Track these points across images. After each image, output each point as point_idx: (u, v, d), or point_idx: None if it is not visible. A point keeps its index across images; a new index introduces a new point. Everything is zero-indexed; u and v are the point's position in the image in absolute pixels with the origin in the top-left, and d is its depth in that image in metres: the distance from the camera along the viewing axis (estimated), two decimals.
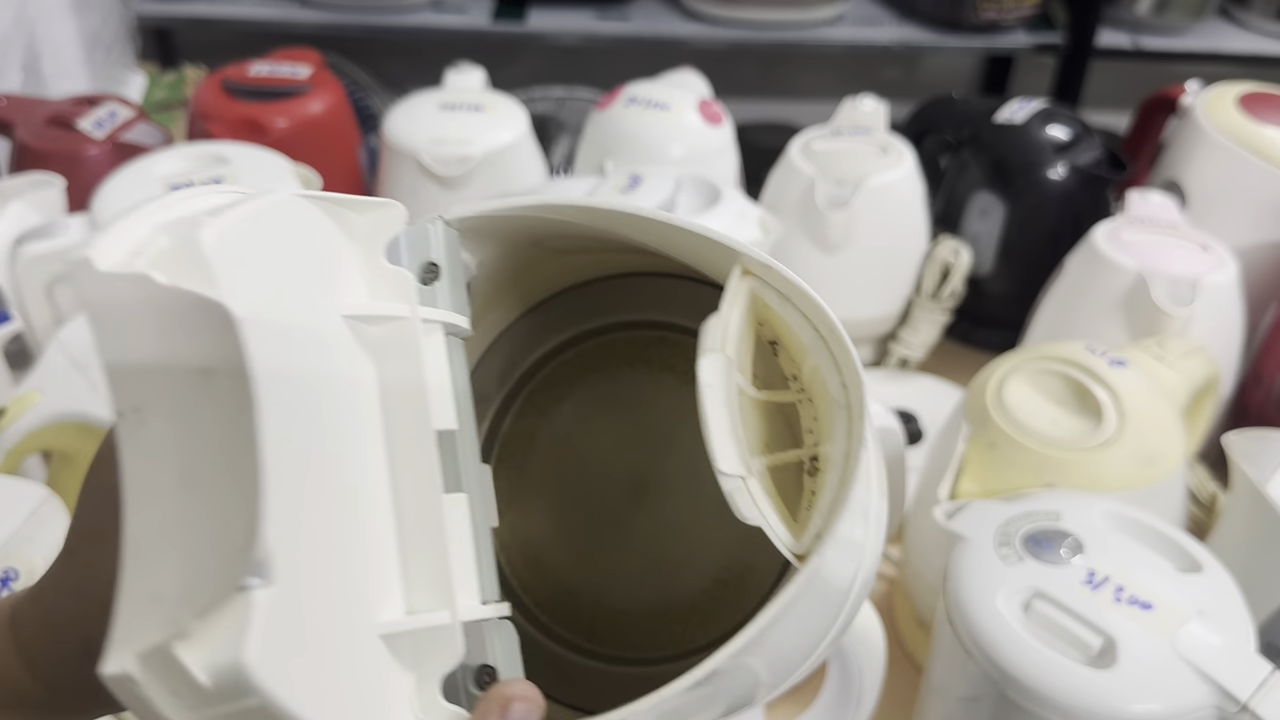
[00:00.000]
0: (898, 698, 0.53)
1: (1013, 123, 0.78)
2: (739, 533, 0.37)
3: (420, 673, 0.25)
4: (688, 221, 0.28)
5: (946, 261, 0.78)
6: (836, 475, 0.27)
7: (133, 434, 0.21)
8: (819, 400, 0.29)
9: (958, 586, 0.44)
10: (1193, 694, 0.39)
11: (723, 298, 0.28)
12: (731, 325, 0.27)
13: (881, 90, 0.86)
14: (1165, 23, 1.17)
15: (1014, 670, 0.40)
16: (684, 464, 0.38)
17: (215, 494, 0.21)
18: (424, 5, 1.12)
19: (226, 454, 0.21)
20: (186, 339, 0.21)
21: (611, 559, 0.38)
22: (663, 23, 1.14)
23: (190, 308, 0.21)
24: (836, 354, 0.28)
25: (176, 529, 0.21)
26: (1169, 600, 0.41)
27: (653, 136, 0.75)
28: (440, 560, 0.25)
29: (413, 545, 0.25)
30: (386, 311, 0.26)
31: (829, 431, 0.28)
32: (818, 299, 0.27)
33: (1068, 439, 0.51)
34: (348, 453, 0.24)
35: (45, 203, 0.66)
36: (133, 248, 0.21)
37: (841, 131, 0.78)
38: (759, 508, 0.26)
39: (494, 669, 0.26)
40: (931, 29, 1.15)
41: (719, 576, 0.37)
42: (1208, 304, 0.63)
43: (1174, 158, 0.80)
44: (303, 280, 0.24)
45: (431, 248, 0.29)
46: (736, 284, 0.28)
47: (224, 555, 0.21)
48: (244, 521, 0.20)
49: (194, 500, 0.21)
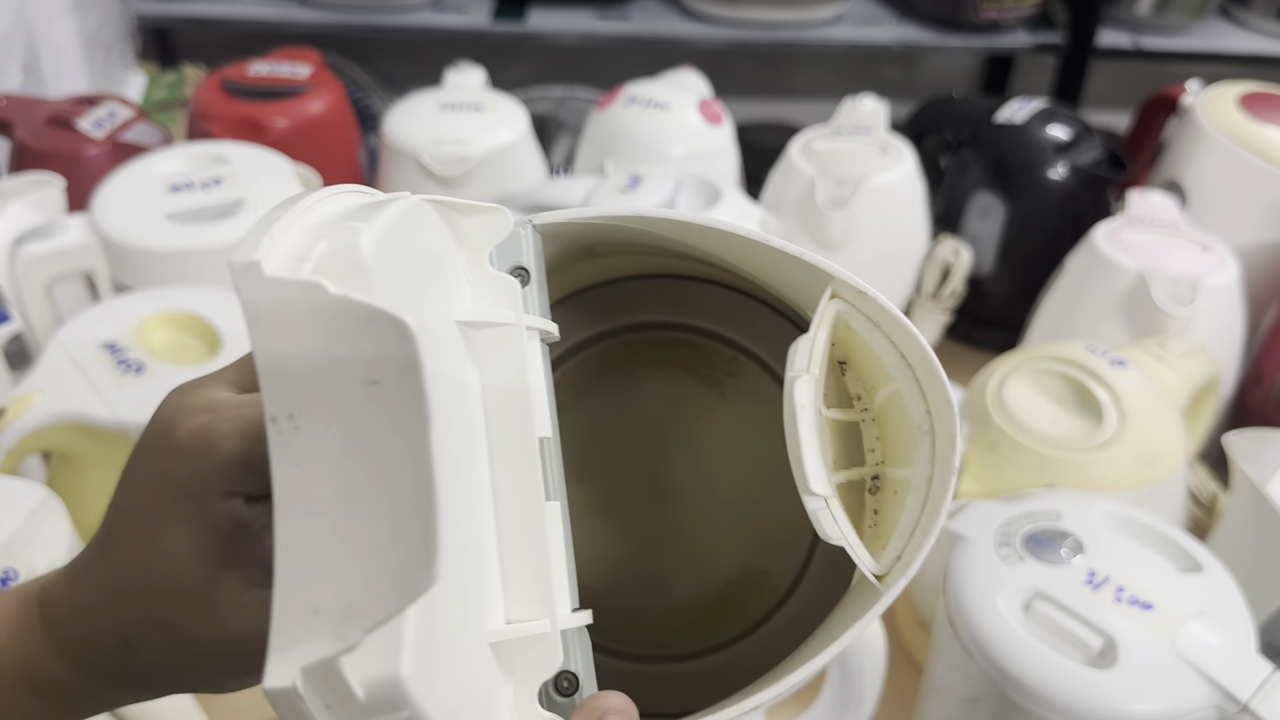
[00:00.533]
0: (898, 698, 0.53)
1: (1013, 122, 0.78)
2: (753, 536, 0.37)
3: (519, 679, 0.25)
4: (785, 245, 0.28)
5: (947, 261, 0.78)
6: (918, 500, 0.28)
7: (286, 440, 0.21)
8: (891, 423, 0.30)
9: (958, 587, 0.44)
10: (1193, 694, 0.39)
11: (813, 319, 0.29)
12: (818, 347, 0.28)
13: (882, 90, 0.86)
14: (1166, 22, 1.17)
15: (1014, 670, 0.40)
16: (700, 467, 0.38)
17: (378, 506, 0.21)
18: (424, 5, 1.12)
19: (391, 466, 0.21)
20: (355, 348, 0.21)
21: (623, 556, 0.39)
22: (663, 22, 1.14)
23: (362, 318, 0.21)
24: (925, 382, 0.28)
25: (335, 540, 0.21)
26: (1169, 600, 0.41)
27: (653, 136, 0.75)
28: (541, 568, 0.26)
29: (514, 552, 0.26)
30: (495, 318, 0.27)
31: (904, 456, 0.29)
32: (912, 328, 0.28)
33: (1068, 439, 0.51)
34: (463, 459, 0.25)
35: (45, 202, 0.66)
36: (294, 252, 0.21)
37: (842, 131, 0.78)
38: (841, 528, 0.27)
39: (575, 675, 0.26)
40: (932, 29, 1.15)
41: (732, 579, 0.37)
42: (1208, 304, 0.63)
43: (1174, 158, 0.80)
44: (429, 284, 0.25)
45: (523, 252, 0.29)
46: (825, 306, 0.29)
47: (391, 569, 0.20)
48: (414, 536, 0.20)
49: (354, 511, 0.21)
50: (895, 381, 0.29)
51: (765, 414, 0.37)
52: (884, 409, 0.30)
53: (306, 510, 0.21)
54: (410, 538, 0.20)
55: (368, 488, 0.21)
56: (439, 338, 0.24)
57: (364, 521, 0.21)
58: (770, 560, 0.37)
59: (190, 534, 0.25)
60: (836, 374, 0.31)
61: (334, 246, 0.22)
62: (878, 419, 0.30)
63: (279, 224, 0.22)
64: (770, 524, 0.38)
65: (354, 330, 0.21)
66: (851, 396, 0.31)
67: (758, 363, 0.38)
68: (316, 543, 0.21)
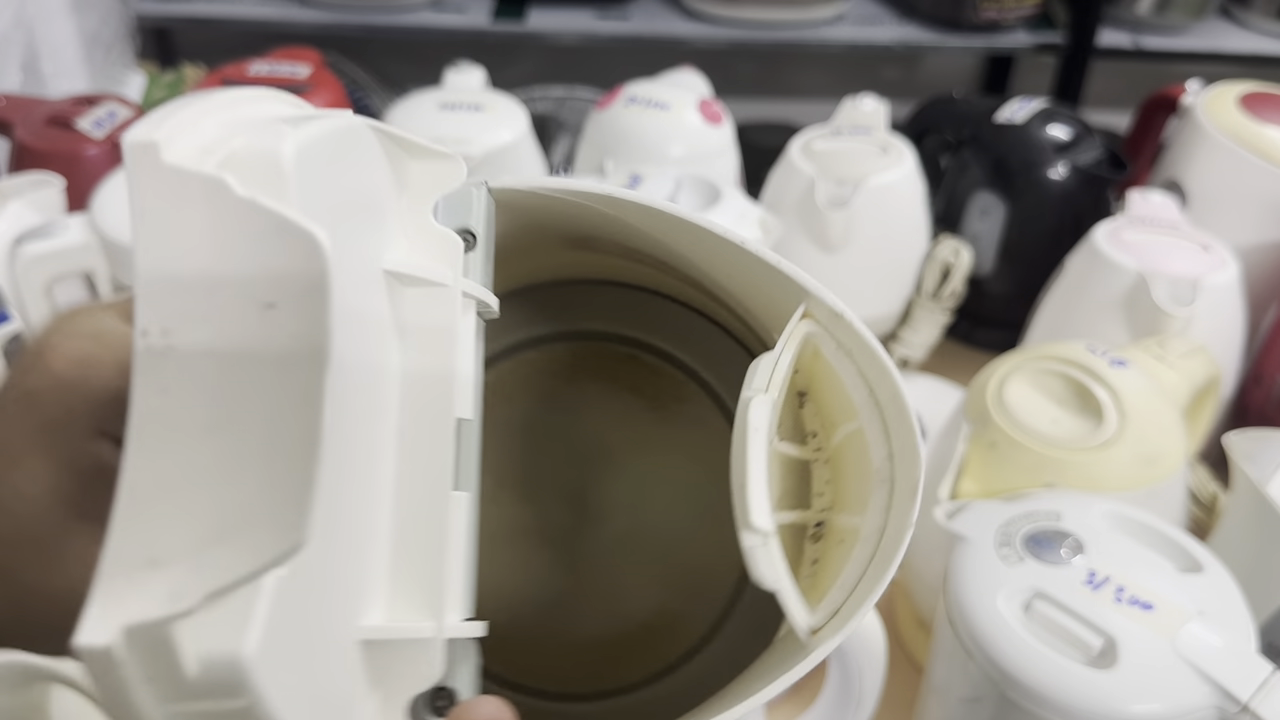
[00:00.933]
0: (898, 698, 0.53)
1: (1013, 122, 0.78)
2: (675, 577, 0.35)
3: (388, 688, 0.22)
4: (762, 250, 0.26)
5: (947, 261, 0.78)
6: (866, 552, 0.25)
7: (155, 360, 0.18)
8: (847, 466, 0.27)
9: (958, 587, 0.44)
10: (1193, 694, 0.39)
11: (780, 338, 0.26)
12: (781, 366, 0.25)
13: (882, 90, 0.86)
14: (1166, 22, 1.17)
15: (1014, 671, 0.40)
16: (629, 495, 0.35)
17: (250, 450, 0.18)
18: (423, 4, 1.12)
19: (273, 405, 0.18)
20: (254, 263, 0.18)
21: (531, 578, 0.36)
22: (663, 22, 1.13)
23: (268, 228, 0.18)
24: (891, 423, 0.25)
25: (192, 484, 0.17)
26: (1170, 600, 0.41)
27: (653, 136, 0.75)
28: (436, 565, 0.23)
29: (408, 541, 0.23)
30: (430, 275, 0.23)
31: (856, 502, 0.26)
32: (888, 361, 0.25)
33: (1068, 439, 0.51)
34: (364, 425, 0.22)
35: (44, 202, 0.66)
36: (204, 144, 0.18)
37: (842, 131, 0.78)
38: (776, 571, 0.24)
39: (454, 692, 0.23)
40: (932, 28, 1.14)
41: (646, 620, 0.35)
42: (1208, 304, 0.63)
43: (1175, 157, 0.80)
44: (357, 220, 0.22)
45: (472, 214, 0.26)
46: (795, 325, 0.26)
47: (252, 525, 0.17)
48: (286, 490, 0.17)
49: (221, 453, 0.18)
50: (859, 419, 0.26)
51: (707, 446, 0.35)
52: (841, 450, 0.27)
53: (165, 444, 0.18)
54: (281, 492, 0.17)
55: (242, 428, 0.18)
56: (358, 278, 0.21)
57: (230, 467, 0.18)
58: (689, 604, 0.35)
59: (47, 472, 0.22)
60: (794, 405, 0.28)
61: (251, 146, 0.18)
62: (831, 460, 0.27)
63: (191, 110, 0.19)
64: (694, 566, 0.35)
65: (256, 241, 0.18)
66: (807, 433, 0.28)
67: (707, 391, 0.35)
68: (170, 484, 0.17)
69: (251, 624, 0.17)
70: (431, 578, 0.22)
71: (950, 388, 0.78)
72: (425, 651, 0.22)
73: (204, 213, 0.18)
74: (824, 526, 0.27)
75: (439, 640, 0.22)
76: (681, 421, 0.35)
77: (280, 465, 0.17)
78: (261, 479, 0.17)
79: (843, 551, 0.25)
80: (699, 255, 0.28)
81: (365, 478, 0.22)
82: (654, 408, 0.36)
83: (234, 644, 0.17)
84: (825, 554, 0.26)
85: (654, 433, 0.36)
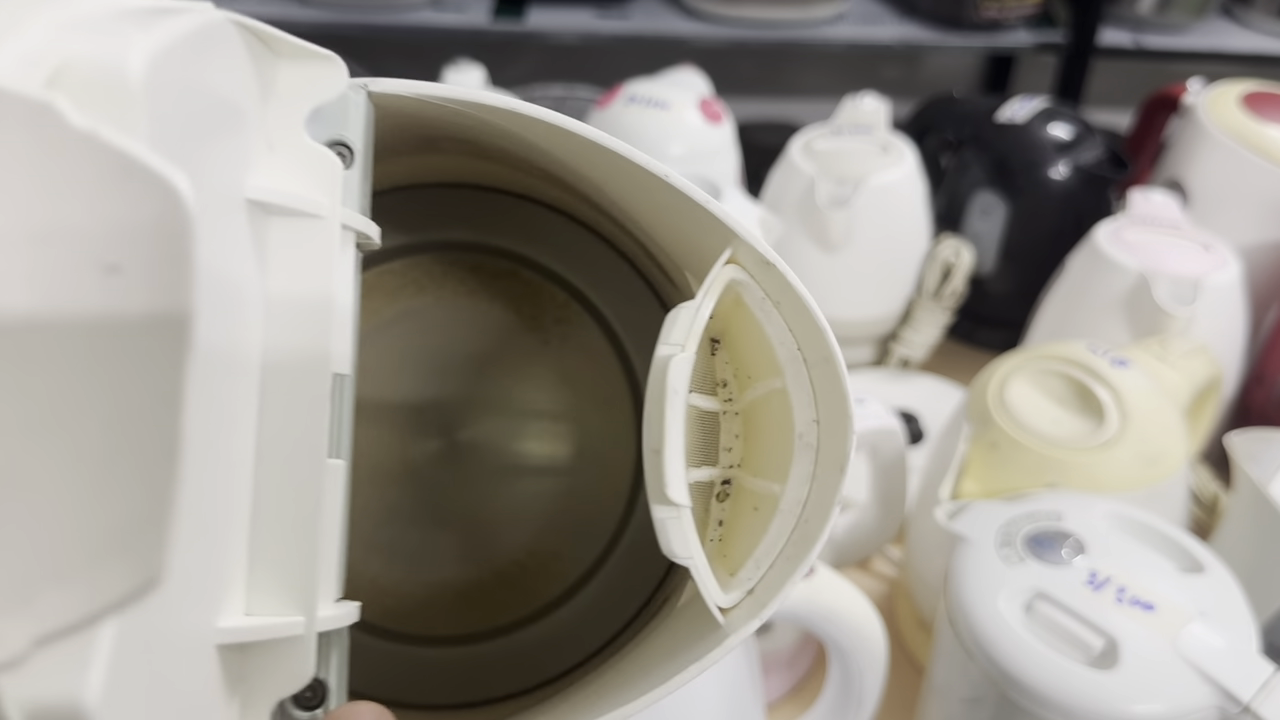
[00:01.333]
0: (899, 699, 0.53)
1: (1014, 122, 0.78)
2: (550, 514, 0.32)
3: (250, 691, 0.19)
4: (687, 185, 0.23)
5: (948, 261, 0.78)
6: (785, 525, 0.23)
7: None
8: (763, 424, 0.24)
9: (959, 587, 0.44)
10: (1195, 695, 0.38)
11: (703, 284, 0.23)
12: (701, 319, 0.22)
13: (882, 89, 0.86)
14: (1167, 21, 1.17)
15: (1015, 671, 0.40)
16: (503, 425, 0.32)
17: (84, 456, 0.14)
18: (423, 4, 1.12)
19: (114, 398, 0.14)
20: (93, 213, 0.14)
21: (391, 514, 0.32)
22: (662, 21, 1.13)
23: (113, 170, 0.14)
24: (820, 386, 0.23)
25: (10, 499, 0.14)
26: (1171, 601, 0.41)
27: (653, 135, 0.75)
28: (307, 547, 0.19)
29: (273, 522, 0.19)
30: (302, 204, 0.20)
31: (774, 467, 0.24)
32: (822, 319, 0.23)
33: (1070, 439, 0.51)
34: (223, 394, 0.18)
35: None
36: (28, 54, 0.14)
37: (842, 130, 0.78)
38: (690, 547, 0.22)
39: (325, 685, 0.20)
40: (933, 27, 1.14)
41: (518, 559, 0.32)
42: (1210, 304, 0.62)
43: (1176, 157, 0.80)
44: (215, 140, 0.18)
45: (349, 124, 0.22)
46: (718, 271, 0.23)
47: (89, 553, 0.14)
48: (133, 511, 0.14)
49: (45, 460, 0.14)
50: (783, 377, 0.23)
51: (590, 375, 0.32)
52: (757, 406, 0.24)
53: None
54: (126, 512, 0.14)
55: (74, 426, 0.14)
56: (217, 217, 0.18)
57: (60, 478, 0.14)
58: (565, 544, 0.32)
59: None
60: (705, 351, 0.25)
61: (90, 56, 0.15)
62: (744, 414, 0.25)
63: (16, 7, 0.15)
64: (572, 504, 0.32)
65: (95, 186, 0.14)
66: (716, 381, 0.25)
67: (592, 313, 0.32)
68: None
69: (93, 666, 0.14)
70: (302, 563, 0.19)
71: (951, 388, 0.78)
72: (294, 650, 0.19)
73: (26, 145, 0.14)
74: (731, 485, 0.24)
75: (310, 636, 0.19)
76: (563, 347, 0.32)
77: (127, 475, 0.14)
78: (102, 494, 0.14)
79: (758, 520, 0.23)
80: (613, 184, 0.25)
81: (223, 457, 0.18)
82: (533, 329, 0.33)
83: (74, 690, 0.14)
84: (734, 517, 0.24)
85: (534, 358, 0.33)
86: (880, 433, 0.56)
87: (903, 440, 0.57)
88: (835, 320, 0.78)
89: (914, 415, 0.73)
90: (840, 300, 0.77)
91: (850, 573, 0.63)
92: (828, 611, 0.43)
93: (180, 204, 0.14)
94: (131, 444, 0.14)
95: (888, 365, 0.81)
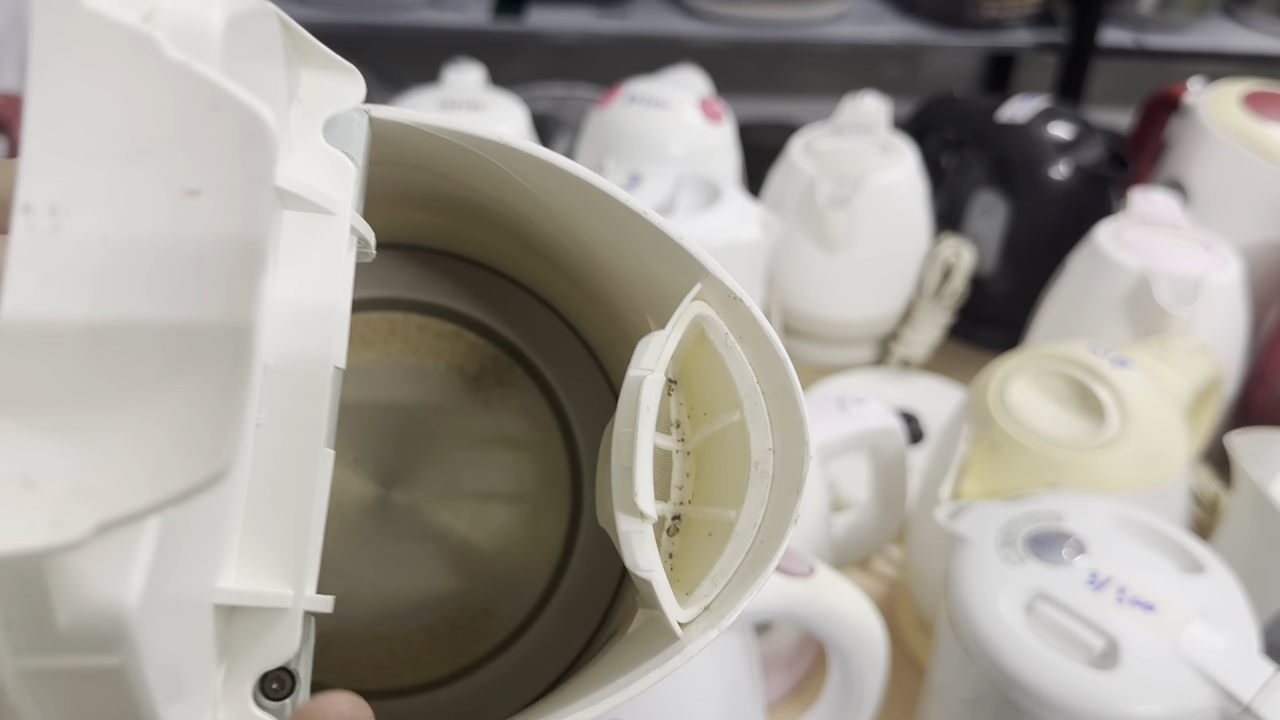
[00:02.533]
0: (899, 700, 0.53)
1: (1015, 121, 0.78)
2: (484, 571, 0.32)
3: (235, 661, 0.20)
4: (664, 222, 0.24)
5: (948, 261, 0.78)
6: (740, 546, 0.24)
7: (38, 243, 0.14)
8: (715, 459, 0.25)
9: (959, 588, 0.43)
10: (1195, 695, 0.38)
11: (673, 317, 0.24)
12: (670, 346, 0.23)
13: (883, 88, 0.86)
14: (1168, 21, 1.17)
15: (1016, 672, 0.40)
16: (441, 481, 0.33)
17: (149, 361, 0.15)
18: (422, 3, 1.12)
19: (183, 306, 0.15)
20: (179, 140, 0.15)
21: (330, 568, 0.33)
22: (663, 20, 1.13)
23: (202, 102, 0.15)
24: (777, 417, 0.24)
25: (75, 391, 0.14)
26: (1172, 601, 0.41)
27: (653, 135, 0.75)
28: (299, 528, 0.20)
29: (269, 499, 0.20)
30: (320, 200, 0.21)
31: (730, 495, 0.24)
32: (783, 352, 0.24)
33: (1070, 439, 0.51)
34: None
35: None
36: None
37: (843, 130, 0.77)
38: (651, 560, 0.22)
39: (294, 674, 0.21)
40: (933, 27, 1.14)
41: (449, 614, 0.33)
42: (1211, 303, 0.62)
43: (1177, 156, 0.80)
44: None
45: (352, 143, 0.23)
46: (686, 306, 0.24)
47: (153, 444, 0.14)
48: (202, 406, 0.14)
49: (113, 361, 0.14)
50: (741, 410, 0.24)
51: (528, 437, 0.33)
52: (710, 443, 0.25)
53: (42, 343, 0.14)
54: (195, 408, 0.14)
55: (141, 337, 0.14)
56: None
57: (125, 377, 0.14)
58: (497, 602, 0.32)
59: None
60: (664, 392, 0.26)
61: (177, 7, 0.16)
62: (696, 453, 0.26)
63: None
64: (506, 563, 0.33)
65: (184, 114, 0.15)
66: (670, 423, 0.26)
67: (535, 377, 0.33)
68: (48, 389, 0.14)
69: (135, 569, 0.14)
70: (293, 541, 0.20)
71: (952, 387, 0.77)
72: (281, 623, 0.20)
73: (122, 73, 0.15)
74: (681, 520, 0.25)
75: (297, 611, 0.20)
76: (504, 409, 0.33)
77: (194, 383, 0.14)
78: (168, 392, 0.14)
79: (713, 544, 0.24)
80: (587, 222, 0.26)
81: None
82: (476, 389, 0.33)
83: (117, 592, 0.14)
84: (685, 547, 0.25)
85: (473, 418, 0.33)
86: (880, 433, 0.56)
87: (903, 440, 0.57)
88: (836, 320, 0.78)
89: (914, 415, 0.73)
90: (840, 300, 0.77)
91: (850, 573, 0.63)
92: (828, 612, 0.43)
93: (266, 132, 0.15)
94: (202, 347, 0.14)
95: (888, 365, 0.81)
